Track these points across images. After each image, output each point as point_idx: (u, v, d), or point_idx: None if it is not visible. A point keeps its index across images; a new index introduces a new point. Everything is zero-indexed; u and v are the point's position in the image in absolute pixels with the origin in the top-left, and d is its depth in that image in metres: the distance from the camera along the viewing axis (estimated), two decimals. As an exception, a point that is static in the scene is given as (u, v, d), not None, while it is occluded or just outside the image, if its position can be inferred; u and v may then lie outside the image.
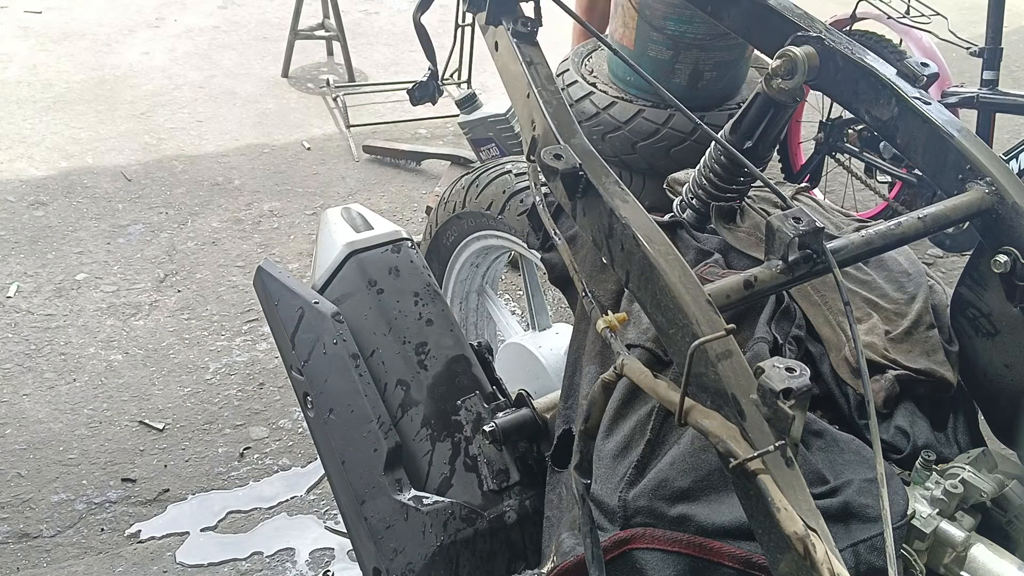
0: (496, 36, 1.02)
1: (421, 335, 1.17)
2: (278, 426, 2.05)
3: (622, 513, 0.85)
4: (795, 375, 0.62)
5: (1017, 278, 0.87)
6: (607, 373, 0.75)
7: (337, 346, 1.12)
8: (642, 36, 2.47)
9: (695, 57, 2.44)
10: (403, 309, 1.19)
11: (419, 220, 2.83)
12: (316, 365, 1.13)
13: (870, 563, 0.76)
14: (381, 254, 1.22)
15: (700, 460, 0.84)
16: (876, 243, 0.83)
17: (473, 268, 1.69)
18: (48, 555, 1.71)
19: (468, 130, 2.52)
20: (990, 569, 0.80)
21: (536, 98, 0.92)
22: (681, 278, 0.72)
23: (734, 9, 1.10)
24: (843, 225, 1.12)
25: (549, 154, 0.83)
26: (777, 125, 1.07)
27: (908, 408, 0.95)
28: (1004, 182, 0.88)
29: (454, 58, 3.00)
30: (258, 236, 2.72)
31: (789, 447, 0.62)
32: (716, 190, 1.13)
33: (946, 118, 0.94)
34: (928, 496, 0.84)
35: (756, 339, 0.94)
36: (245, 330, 2.34)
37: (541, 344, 1.47)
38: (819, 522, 0.61)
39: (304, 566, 1.72)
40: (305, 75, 3.69)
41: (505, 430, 1.08)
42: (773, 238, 0.78)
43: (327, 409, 1.10)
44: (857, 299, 1.05)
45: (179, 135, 3.18)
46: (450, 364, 1.17)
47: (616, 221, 0.78)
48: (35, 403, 2.05)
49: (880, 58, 0.99)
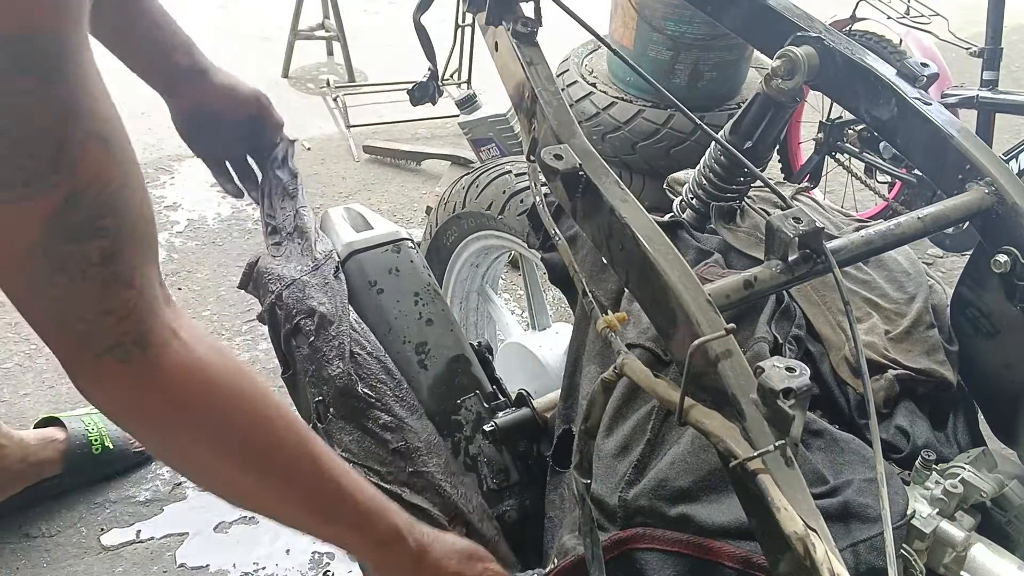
0: (496, 36, 1.02)
1: (421, 335, 1.18)
2: (278, 426, 2.05)
3: (622, 513, 0.85)
4: (795, 375, 0.62)
5: (1017, 278, 0.87)
6: (607, 373, 0.75)
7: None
8: (642, 36, 2.47)
9: (695, 57, 2.44)
10: (403, 309, 1.19)
11: (419, 220, 2.83)
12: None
13: (870, 563, 0.76)
14: (381, 254, 1.22)
15: (700, 460, 0.84)
16: (876, 243, 0.83)
17: (473, 268, 1.69)
18: (48, 555, 1.71)
19: (468, 130, 2.52)
20: (990, 569, 0.80)
21: (536, 98, 0.92)
22: (681, 278, 0.73)
23: (734, 9, 1.10)
24: (843, 225, 1.12)
25: (549, 154, 0.83)
26: (777, 125, 1.07)
27: (908, 408, 0.96)
28: (1004, 182, 0.88)
29: (454, 58, 3.01)
30: (258, 236, 2.72)
31: (789, 447, 0.62)
32: (716, 190, 1.13)
33: (946, 118, 0.94)
34: (928, 496, 0.84)
35: (756, 339, 0.94)
36: (245, 330, 2.34)
37: (541, 344, 1.47)
38: (819, 522, 0.61)
39: (304, 566, 1.72)
40: (305, 75, 3.69)
41: (505, 430, 1.09)
42: (773, 238, 0.78)
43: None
44: (857, 299, 1.05)
45: (179, 135, 3.17)
46: (450, 364, 1.17)
47: (616, 221, 0.78)
48: (35, 403, 2.05)
49: (880, 58, 0.99)
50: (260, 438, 0.74)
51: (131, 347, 0.63)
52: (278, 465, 0.76)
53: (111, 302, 0.61)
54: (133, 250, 0.62)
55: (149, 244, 0.64)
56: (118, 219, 0.60)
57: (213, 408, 0.70)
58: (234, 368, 0.71)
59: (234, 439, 0.72)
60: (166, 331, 0.65)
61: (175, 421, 0.69)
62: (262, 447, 0.74)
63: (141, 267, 0.63)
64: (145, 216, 0.63)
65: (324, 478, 0.78)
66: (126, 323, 0.62)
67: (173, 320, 0.67)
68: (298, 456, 0.77)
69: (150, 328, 0.64)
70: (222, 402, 0.70)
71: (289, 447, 0.76)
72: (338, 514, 0.81)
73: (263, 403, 0.74)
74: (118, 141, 0.60)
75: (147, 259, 0.64)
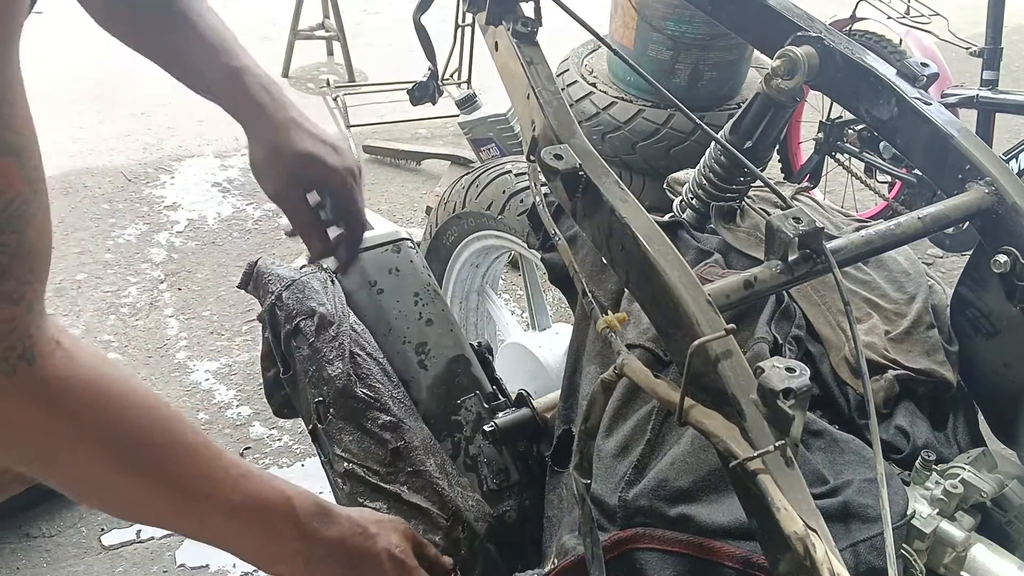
0: (496, 36, 1.02)
1: (421, 335, 1.18)
2: (278, 426, 2.05)
3: (622, 513, 0.85)
4: (795, 375, 0.62)
5: (1017, 278, 0.87)
6: (607, 373, 0.75)
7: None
8: (642, 36, 2.48)
9: (695, 57, 2.45)
10: (403, 309, 1.19)
11: (419, 220, 2.83)
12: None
13: (870, 563, 0.76)
14: (381, 254, 1.22)
15: (700, 460, 0.84)
16: (876, 243, 0.83)
17: (473, 268, 1.69)
18: (48, 555, 1.71)
19: (468, 130, 2.52)
20: (990, 569, 0.80)
21: (536, 98, 0.92)
22: (681, 278, 0.72)
23: (734, 9, 1.10)
24: (843, 225, 1.12)
25: (549, 154, 0.83)
26: (777, 125, 1.07)
27: (908, 408, 0.96)
28: (1004, 182, 0.88)
29: (454, 58, 3.01)
30: (258, 236, 2.72)
31: (789, 447, 0.62)
32: (716, 190, 1.13)
33: (946, 118, 0.94)
34: (928, 496, 0.84)
35: (756, 339, 0.94)
36: (245, 330, 2.34)
37: (541, 344, 1.47)
38: (819, 522, 0.61)
39: (304, 566, 1.72)
40: (305, 75, 3.69)
41: (505, 430, 1.08)
42: (773, 238, 0.78)
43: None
44: (857, 299, 1.05)
45: (179, 135, 3.18)
46: (450, 364, 1.17)
47: (616, 221, 0.78)
48: (35, 403, 2.05)
49: (880, 58, 0.99)
50: (147, 439, 0.72)
51: (16, 361, 0.62)
52: (170, 466, 0.74)
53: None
54: (26, 266, 0.60)
55: (43, 259, 0.62)
56: (18, 235, 0.58)
57: (102, 414, 0.68)
58: (116, 372, 0.70)
59: (124, 443, 0.70)
60: (50, 342, 0.64)
61: (64, 432, 0.67)
62: (150, 448, 0.72)
63: (32, 283, 0.61)
64: (45, 232, 0.61)
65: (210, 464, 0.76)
66: (11, 337, 0.61)
67: (55, 330, 0.65)
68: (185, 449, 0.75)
69: (35, 341, 0.63)
70: (111, 408, 0.69)
71: (178, 444, 0.74)
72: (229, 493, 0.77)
73: (147, 402, 0.72)
74: (30, 155, 0.58)
75: (39, 275, 0.62)
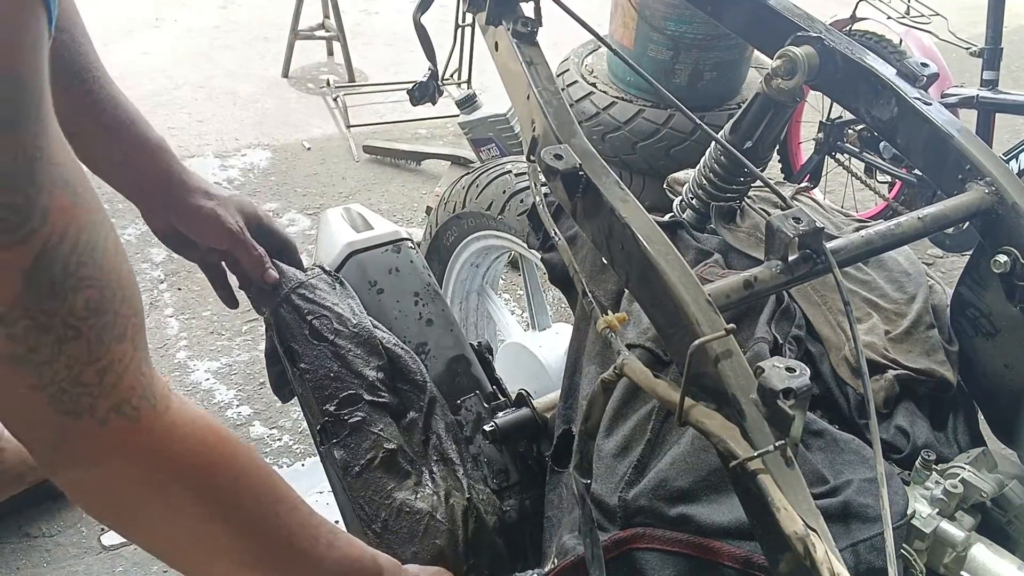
0: (496, 36, 1.02)
1: (421, 335, 1.18)
2: (278, 426, 2.05)
3: (622, 513, 0.85)
4: (795, 375, 0.62)
5: (1017, 278, 0.87)
6: (607, 373, 0.75)
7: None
8: (642, 36, 2.48)
9: (695, 57, 2.45)
10: (403, 309, 1.19)
11: (419, 220, 2.83)
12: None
13: (870, 563, 0.76)
14: (381, 254, 1.22)
15: (700, 460, 0.84)
16: (876, 243, 0.83)
17: (473, 268, 1.69)
18: (48, 555, 1.71)
19: (468, 130, 2.52)
20: (990, 569, 0.80)
21: (536, 98, 0.92)
22: (681, 278, 0.72)
23: (734, 9, 1.10)
24: (843, 225, 1.12)
25: (549, 154, 0.83)
26: (777, 125, 1.07)
27: (908, 408, 0.96)
28: (1004, 182, 0.88)
29: (454, 58, 3.00)
30: (258, 236, 2.72)
31: (789, 447, 0.62)
32: (716, 190, 1.13)
33: (946, 118, 0.94)
34: (928, 496, 0.84)
35: (756, 339, 0.94)
36: (245, 330, 2.34)
37: (541, 344, 1.47)
38: (819, 522, 0.61)
39: (304, 566, 1.72)
40: (305, 75, 3.69)
41: (505, 430, 1.08)
42: (773, 238, 0.78)
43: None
44: (857, 299, 1.05)
45: (179, 135, 3.18)
46: (450, 364, 1.17)
47: (616, 221, 0.78)
48: (35, 403, 2.05)
49: (880, 58, 0.99)
50: (258, 496, 0.70)
51: (138, 403, 0.57)
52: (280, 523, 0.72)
53: (108, 358, 0.55)
54: (117, 297, 0.56)
55: (132, 289, 0.58)
56: (98, 267, 0.54)
57: (219, 463, 0.66)
58: (218, 424, 0.68)
59: (239, 501, 0.68)
60: (163, 383, 0.60)
61: (186, 479, 0.63)
62: (260, 505, 0.70)
63: (131, 317, 0.57)
64: (122, 258, 0.57)
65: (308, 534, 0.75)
66: (129, 377, 0.56)
67: (159, 374, 0.62)
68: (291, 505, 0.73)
69: (151, 380, 0.58)
70: (227, 456, 0.66)
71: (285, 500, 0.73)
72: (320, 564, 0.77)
73: (251, 454, 0.70)
74: (78, 180, 0.54)
75: (134, 307, 0.58)
